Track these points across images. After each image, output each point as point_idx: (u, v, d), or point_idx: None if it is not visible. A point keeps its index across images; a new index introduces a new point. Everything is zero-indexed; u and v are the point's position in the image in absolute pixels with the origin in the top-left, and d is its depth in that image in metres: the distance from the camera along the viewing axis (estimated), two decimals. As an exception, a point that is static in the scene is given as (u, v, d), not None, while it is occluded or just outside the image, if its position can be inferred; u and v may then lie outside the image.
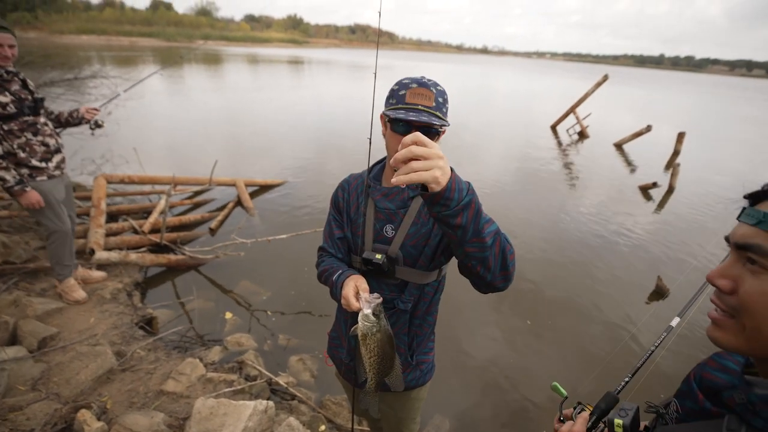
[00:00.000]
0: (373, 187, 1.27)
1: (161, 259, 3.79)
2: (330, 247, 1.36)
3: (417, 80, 1.13)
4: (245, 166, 7.12)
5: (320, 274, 1.36)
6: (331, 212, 1.38)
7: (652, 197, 7.51)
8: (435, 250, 1.24)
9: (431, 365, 1.47)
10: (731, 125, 20.28)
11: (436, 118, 1.10)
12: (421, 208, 1.24)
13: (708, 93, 51.07)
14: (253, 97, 15.05)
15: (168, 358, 2.67)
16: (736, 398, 0.54)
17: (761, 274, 0.51)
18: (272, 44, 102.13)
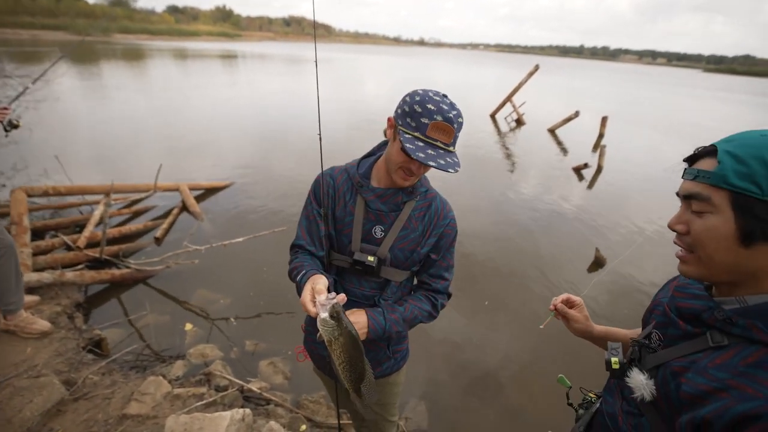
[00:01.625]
0: (365, 186, 1.23)
1: (103, 275, 3.49)
2: (309, 244, 1.30)
3: (444, 113, 1.06)
4: (186, 169, 6.70)
5: (290, 272, 1.30)
6: (312, 207, 1.30)
7: (584, 177, 8.22)
8: (423, 258, 1.29)
9: (405, 352, 1.52)
10: (642, 107, 22.63)
11: (449, 155, 1.10)
12: (412, 213, 1.24)
13: (623, 80, 56.42)
14: (186, 96, 14.10)
15: (126, 379, 2.49)
16: (717, 316, 0.66)
17: (704, 215, 0.66)
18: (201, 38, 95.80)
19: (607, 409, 0.84)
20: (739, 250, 0.63)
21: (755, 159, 0.60)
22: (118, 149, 7.58)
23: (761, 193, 0.59)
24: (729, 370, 0.61)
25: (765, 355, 0.60)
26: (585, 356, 2.78)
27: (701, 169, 0.66)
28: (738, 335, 0.64)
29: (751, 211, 0.61)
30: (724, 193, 0.63)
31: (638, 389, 0.73)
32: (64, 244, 3.82)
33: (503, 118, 14.07)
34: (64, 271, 3.29)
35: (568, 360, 3.05)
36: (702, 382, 0.63)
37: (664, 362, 0.71)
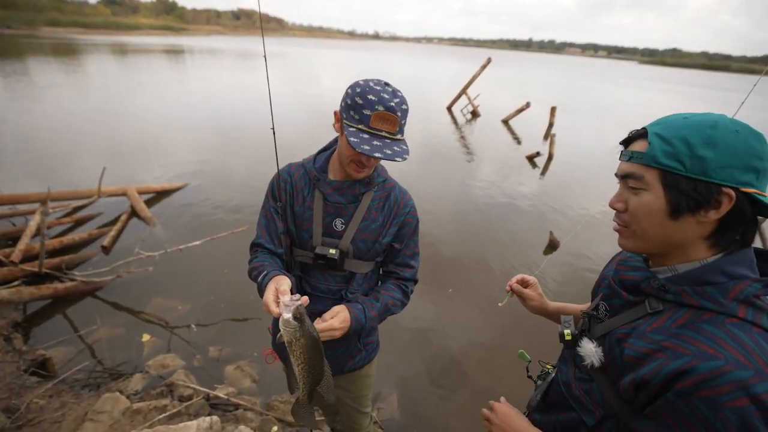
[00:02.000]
0: (322, 180, 1.23)
1: (44, 290, 3.22)
2: (268, 242, 1.29)
3: (384, 102, 1.05)
4: (134, 172, 6.29)
5: (250, 271, 1.28)
6: (270, 205, 1.29)
7: (537, 165, 8.61)
8: (385, 248, 1.29)
9: (376, 344, 1.54)
10: (587, 98, 24.00)
11: (397, 144, 1.09)
12: (371, 203, 1.24)
13: (568, 71, 59.46)
14: (129, 94, 13.19)
15: (78, 399, 2.33)
16: (653, 284, 0.72)
17: (639, 192, 0.71)
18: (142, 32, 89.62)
19: (561, 377, 0.89)
20: (669, 223, 0.69)
21: (679, 139, 0.66)
22: (54, 154, 6.97)
23: (685, 169, 0.65)
24: (664, 333, 0.67)
25: (692, 316, 0.66)
26: (542, 331, 2.94)
27: (635, 151, 0.71)
28: (671, 300, 0.70)
29: (677, 186, 0.66)
30: (655, 171, 0.68)
31: (588, 357, 0.78)
32: (-4, 260, 3.48)
33: (459, 110, 14.39)
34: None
35: (528, 337, 3.20)
36: (642, 345, 0.69)
37: (610, 330, 0.77)
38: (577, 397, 0.82)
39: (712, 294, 0.65)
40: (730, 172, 0.63)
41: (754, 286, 0.65)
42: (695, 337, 0.63)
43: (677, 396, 0.62)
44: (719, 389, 0.58)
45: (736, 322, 0.63)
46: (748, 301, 0.64)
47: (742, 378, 0.57)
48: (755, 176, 0.64)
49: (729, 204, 0.64)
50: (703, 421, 0.59)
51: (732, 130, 0.64)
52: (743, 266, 0.67)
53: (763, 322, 0.63)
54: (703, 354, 0.61)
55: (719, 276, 0.67)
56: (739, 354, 0.59)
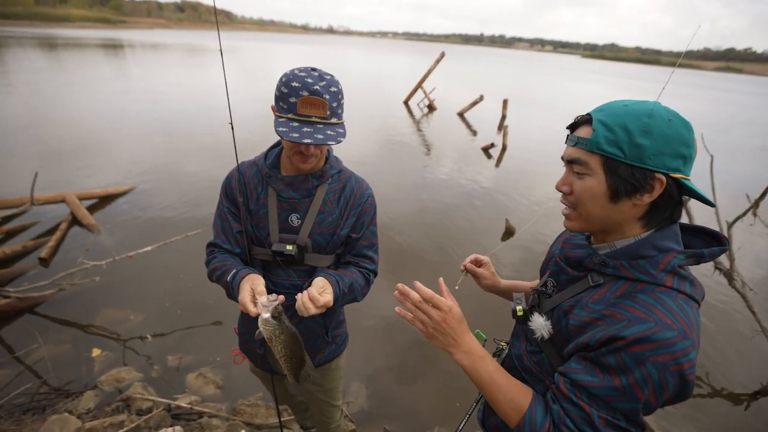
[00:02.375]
0: (274, 176, 1.21)
1: (-27, 309, 2.92)
2: (225, 242, 1.27)
3: (308, 87, 1.03)
4: (74, 177, 5.82)
5: (211, 272, 1.26)
6: (224, 205, 1.27)
7: (492, 156, 8.92)
8: (344, 240, 1.29)
9: (345, 336, 1.55)
10: (536, 90, 25.14)
11: (331, 128, 1.08)
12: (326, 196, 1.23)
13: (518, 65, 61.85)
14: (64, 93, 12.13)
15: (19, 425, 2.15)
16: (595, 260, 0.78)
17: (583, 177, 0.76)
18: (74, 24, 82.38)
19: (514, 352, 0.96)
20: (609, 206, 0.74)
21: (620, 127, 0.70)
22: (-24, 159, 6.29)
23: (624, 156, 0.70)
24: (604, 303, 0.74)
25: (629, 287, 0.73)
26: (498, 314, 3.08)
27: (580, 137, 0.75)
28: (610, 274, 0.77)
29: (617, 172, 0.71)
30: (598, 157, 0.73)
31: (538, 330, 0.84)
32: None
33: (416, 104, 14.56)
34: None
35: (487, 319, 3.34)
36: (584, 315, 0.76)
37: (557, 304, 0.83)
38: (529, 368, 0.88)
39: (644, 266, 0.73)
40: (662, 159, 0.69)
41: (679, 257, 0.72)
42: (630, 305, 0.70)
43: (609, 351, 0.68)
44: (646, 346, 0.65)
45: (664, 290, 0.71)
46: (674, 271, 0.71)
47: (666, 337, 0.65)
48: (683, 162, 0.70)
49: (660, 188, 0.70)
50: (625, 372, 0.67)
51: (666, 119, 0.69)
52: (670, 240, 0.75)
53: (686, 288, 0.71)
54: (636, 318, 0.68)
55: (651, 250, 0.74)
56: (666, 317, 0.67)
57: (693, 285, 0.73)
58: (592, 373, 0.71)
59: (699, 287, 0.74)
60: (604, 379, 0.69)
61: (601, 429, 0.69)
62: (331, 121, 1.08)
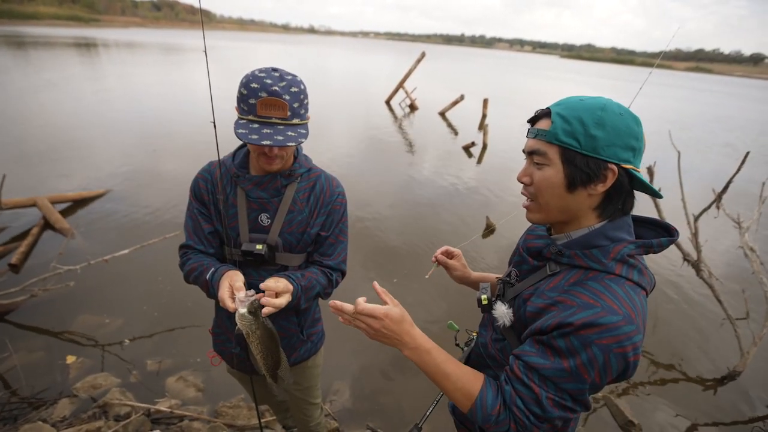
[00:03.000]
0: (242, 176, 1.20)
1: (-62, 318, 2.80)
2: (197, 243, 1.27)
3: (267, 88, 1.02)
4: (47, 180, 5.63)
5: (187, 274, 1.26)
6: (193, 206, 1.27)
7: (473, 154, 9.05)
8: (315, 238, 1.29)
9: (321, 334, 1.56)
10: (514, 90, 25.58)
11: (292, 129, 1.07)
12: (296, 195, 1.23)
13: (498, 65, 62.74)
14: (33, 93, 11.68)
15: (-10, 435, 2.08)
16: (552, 250, 0.82)
17: (542, 168, 0.79)
18: (43, 22, 79.25)
19: (480, 340, 1.00)
20: (566, 195, 0.78)
21: (576, 119, 0.74)
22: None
23: (580, 146, 0.74)
24: (558, 290, 0.78)
25: (582, 275, 0.77)
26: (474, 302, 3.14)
27: (540, 129, 0.79)
28: (566, 263, 0.81)
29: (573, 162, 0.75)
30: (556, 148, 0.76)
31: (501, 318, 0.88)
32: None
33: (398, 104, 14.62)
34: None
35: (464, 308, 3.39)
36: (540, 302, 0.79)
37: (519, 293, 0.87)
38: (493, 356, 0.92)
39: (597, 255, 0.76)
40: (614, 150, 0.73)
41: (629, 247, 0.76)
42: (581, 291, 0.74)
43: (559, 335, 0.72)
44: (592, 330, 0.69)
45: (613, 277, 0.74)
46: (623, 260, 0.75)
47: (611, 322, 0.68)
48: (632, 154, 0.74)
49: (613, 178, 0.74)
50: (573, 354, 0.70)
51: (617, 113, 0.73)
52: (622, 231, 0.79)
53: (633, 276, 0.75)
54: (585, 304, 0.72)
55: (603, 240, 0.78)
56: (612, 303, 0.70)
57: (641, 273, 0.76)
58: (544, 356, 0.74)
59: (648, 276, 0.78)
60: (554, 362, 0.72)
61: (549, 408, 0.73)
62: (293, 122, 1.08)
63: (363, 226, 4.99)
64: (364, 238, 4.69)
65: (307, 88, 1.14)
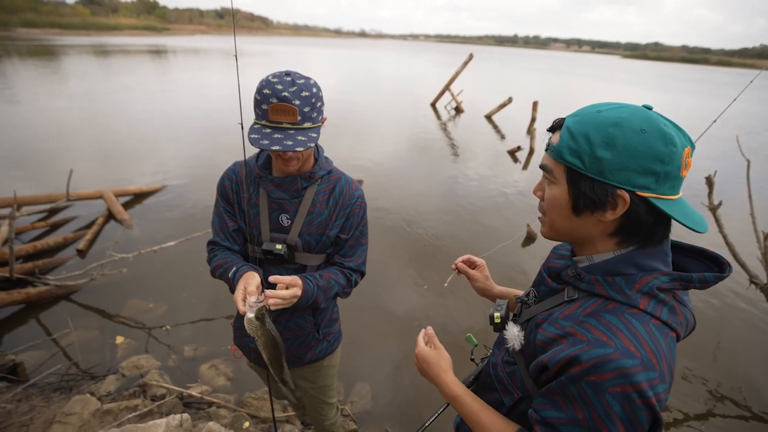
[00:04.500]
0: (264, 177, 1.24)
1: (15, 295, 3.17)
2: (223, 240, 1.33)
3: (278, 94, 1.05)
4: (115, 175, 6.21)
5: (214, 269, 1.33)
6: (219, 204, 1.33)
7: (518, 159, 8.72)
8: (334, 240, 1.31)
9: (338, 334, 1.56)
10: (569, 93, 24.30)
11: (303, 133, 1.09)
12: (315, 197, 1.26)
13: (552, 67, 60.03)
14: (110, 97, 12.95)
15: (48, 402, 2.31)
16: (570, 273, 0.74)
17: (551, 185, 0.72)
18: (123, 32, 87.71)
19: (492, 359, 0.92)
20: (573, 218, 0.70)
21: (582, 136, 0.64)
22: (34, 159, 6.84)
23: (584, 168, 0.64)
24: (572, 320, 0.69)
25: (600, 306, 0.67)
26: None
27: (550, 143, 0.71)
28: (584, 290, 0.71)
29: (578, 184, 0.66)
30: (562, 166, 0.68)
31: (511, 340, 0.80)
32: (-36, 266, 3.42)
33: (443, 106, 14.46)
34: (-36, 295, 2.96)
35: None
36: (551, 330, 0.71)
37: (533, 316, 0.79)
38: (501, 379, 0.85)
39: (620, 284, 0.66)
40: (626, 175, 0.62)
41: (661, 279, 0.65)
42: (595, 325, 0.65)
43: (568, 379, 0.63)
44: (604, 375, 0.60)
45: (635, 312, 0.64)
46: (651, 293, 0.65)
47: (626, 366, 0.59)
48: (654, 179, 0.62)
49: (624, 207, 0.64)
50: (587, 403, 0.61)
51: (637, 130, 0.61)
52: (655, 259, 0.68)
53: (662, 314, 0.64)
54: (597, 341, 0.62)
55: (630, 267, 0.67)
56: (630, 343, 0.61)
57: (673, 312, 0.66)
58: (557, 406, 0.66)
59: (682, 316, 0.67)
60: (568, 412, 0.64)
61: None
62: (303, 126, 1.09)
63: (402, 227, 5.00)
64: (402, 238, 4.70)
65: (321, 91, 1.16)
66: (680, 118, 4.36)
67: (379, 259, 4.00)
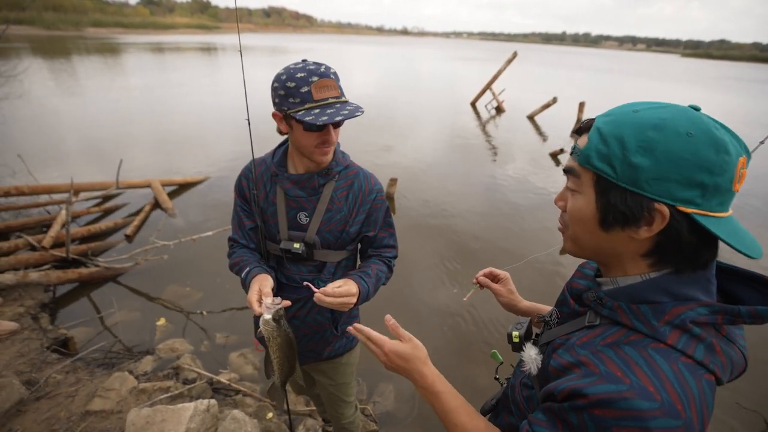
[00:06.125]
0: (281, 175, 1.23)
1: (70, 274, 3.42)
2: (241, 238, 1.34)
3: (315, 72, 1.06)
4: (163, 165, 6.58)
5: (232, 266, 1.34)
6: (237, 202, 1.34)
7: (561, 162, 8.33)
8: (355, 237, 1.29)
9: None
10: (620, 93, 22.96)
11: (348, 105, 1.09)
12: (334, 194, 1.24)
13: (604, 66, 56.99)
14: (165, 91, 13.77)
15: (92, 377, 2.47)
16: (590, 296, 0.66)
17: (574, 194, 0.64)
18: (178, 31, 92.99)
19: (512, 381, 0.85)
20: (599, 233, 0.61)
21: (615, 139, 0.56)
22: (94, 148, 7.39)
23: (616, 176, 0.56)
24: (589, 348, 0.61)
25: (621, 336, 0.59)
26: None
27: (576, 146, 0.63)
28: (606, 316, 0.63)
29: (607, 194, 0.58)
30: (590, 173, 0.60)
31: (528, 363, 0.73)
32: (29, 245, 3.73)
33: (483, 106, 14.11)
34: (27, 272, 3.23)
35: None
36: (566, 358, 0.63)
37: (552, 339, 0.72)
38: (517, 402, 0.79)
39: (645, 314, 0.58)
40: (666, 186, 0.53)
41: (698, 311, 0.55)
42: (612, 357, 0.57)
43: (572, 408, 0.57)
44: (611, 413, 0.52)
45: (662, 348, 0.55)
46: (683, 327, 0.55)
47: (641, 408, 0.50)
48: (700, 193, 0.53)
49: (662, 223, 0.55)
50: None
51: (683, 133, 0.53)
52: (694, 287, 0.58)
53: (695, 353, 0.54)
54: (610, 376, 0.55)
55: (661, 295, 0.58)
56: (649, 383, 0.52)
57: (711, 350, 0.55)
58: (554, 427, 0.59)
59: (723, 356, 0.56)
60: None
61: None
62: (343, 99, 1.10)
63: (435, 226, 4.94)
64: (433, 238, 4.64)
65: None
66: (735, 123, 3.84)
67: (408, 257, 3.96)
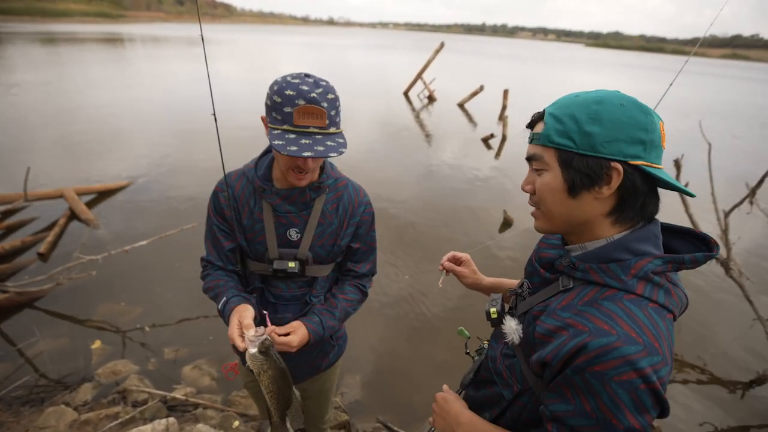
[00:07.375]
0: (267, 190, 1.13)
1: (-29, 304, 2.95)
2: (217, 259, 1.23)
3: (305, 94, 0.95)
4: (75, 173, 5.83)
5: (206, 289, 1.24)
6: (213, 221, 1.21)
7: (491, 146, 8.86)
8: (344, 249, 1.25)
9: (345, 335, 1.54)
10: (534, 80, 24.90)
11: (330, 138, 1.00)
12: (324, 207, 1.18)
13: (520, 56, 61.14)
14: (67, 88, 12.11)
15: (17, 417, 2.18)
16: (564, 262, 0.74)
17: (541, 173, 0.73)
18: (73, 19, 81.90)
19: (491, 353, 0.92)
20: (569, 201, 0.70)
21: (568, 117, 0.67)
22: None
23: (576, 146, 0.66)
24: (570, 310, 0.68)
25: (596, 294, 0.68)
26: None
27: (535, 132, 0.73)
28: (580, 278, 0.71)
29: (571, 163, 0.68)
30: (552, 150, 0.70)
31: (509, 334, 0.80)
32: None
33: (416, 95, 14.45)
34: None
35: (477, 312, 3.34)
36: (550, 322, 0.70)
37: (530, 308, 0.79)
38: (500, 372, 0.85)
39: (615, 271, 0.67)
40: (617, 146, 0.64)
41: (655, 263, 0.66)
42: (595, 314, 0.65)
43: (574, 371, 0.63)
44: (608, 364, 0.60)
45: (633, 298, 0.65)
46: (646, 278, 0.66)
47: (629, 353, 0.59)
48: (642, 148, 0.65)
49: (618, 178, 0.65)
50: (593, 394, 0.62)
51: (617, 104, 0.65)
52: (647, 243, 0.69)
53: (659, 297, 0.65)
54: (599, 330, 0.62)
55: (623, 253, 0.68)
56: (631, 330, 0.61)
57: (668, 294, 0.67)
58: (564, 398, 0.66)
59: (676, 297, 0.68)
60: (576, 404, 0.64)
61: None
62: (330, 131, 1.00)
63: (381, 216, 4.98)
64: (378, 227, 4.68)
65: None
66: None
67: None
